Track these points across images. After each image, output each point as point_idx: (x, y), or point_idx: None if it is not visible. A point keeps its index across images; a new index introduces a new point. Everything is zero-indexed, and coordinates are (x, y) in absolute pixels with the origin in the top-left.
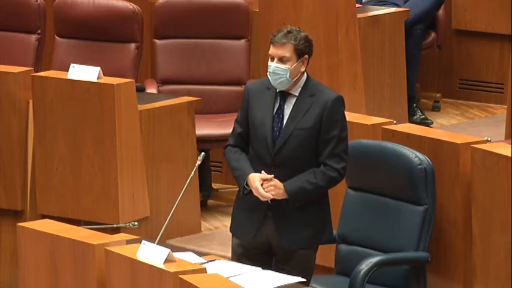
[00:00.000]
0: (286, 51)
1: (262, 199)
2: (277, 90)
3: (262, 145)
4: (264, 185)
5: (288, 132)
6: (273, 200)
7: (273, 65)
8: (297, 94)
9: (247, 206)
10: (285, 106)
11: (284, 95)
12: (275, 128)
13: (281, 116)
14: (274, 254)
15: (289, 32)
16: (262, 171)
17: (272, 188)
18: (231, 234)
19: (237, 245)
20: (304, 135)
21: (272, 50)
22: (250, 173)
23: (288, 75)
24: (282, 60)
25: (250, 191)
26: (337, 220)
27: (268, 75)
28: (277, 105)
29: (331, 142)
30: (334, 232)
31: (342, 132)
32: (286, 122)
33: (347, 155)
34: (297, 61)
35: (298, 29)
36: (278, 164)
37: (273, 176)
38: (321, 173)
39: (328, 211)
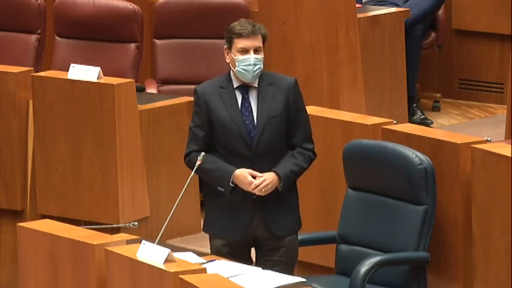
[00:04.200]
0: (259, 42)
1: (258, 193)
2: (235, 86)
3: (238, 141)
4: (260, 187)
5: (262, 123)
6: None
7: (252, 56)
8: (256, 85)
9: (229, 204)
10: (250, 99)
11: (245, 89)
12: (247, 122)
13: (249, 109)
14: (260, 247)
15: (253, 24)
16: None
17: (267, 183)
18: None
19: (222, 245)
20: (277, 123)
21: (245, 43)
22: (233, 170)
23: (262, 65)
24: (256, 51)
25: (233, 188)
26: (337, 220)
27: (243, 69)
28: (240, 100)
29: (300, 125)
30: (334, 232)
31: (306, 114)
32: (257, 114)
33: (312, 134)
34: (263, 51)
35: (248, 19)
36: (258, 156)
37: (263, 176)
38: (301, 155)
39: (298, 197)
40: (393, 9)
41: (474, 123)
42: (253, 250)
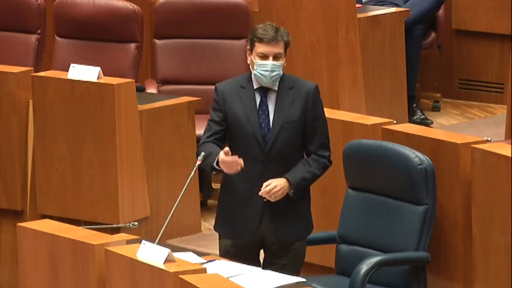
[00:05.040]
0: (280, 48)
1: (264, 196)
2: (255, 87)
3: (252, 143)
4: (271, 192)
5: (277, 127)
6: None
7: (270, 63)
8: (276, 88)
9: (239, 205)
10: (268, 102)
11: (264, 91)
12: (263, 125)
13: (266, 112)
14: (267, 249)
15: (276, 29)
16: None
17: (278, 190)
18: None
19: (230, 245)
20: (293, 128)
21: (265, 48)
22: (219, 152)
23: (281, 71)
24: (276, 57)
25: (220, 171)
26: (337, 220)
27: (260, 73)
28: (258, 102)
29: (318, 131)
30: (334, 232)
31: (324, 121)
32: (273, 117)
33: (329, 142)
34: (285, 56)
35: (274, 24)
36: (271, 159)
37: (274, 182)
38: (315, 162)
39: (310, 202)
40: (393, 9)
41: (474, 123)
42: (262, 252)
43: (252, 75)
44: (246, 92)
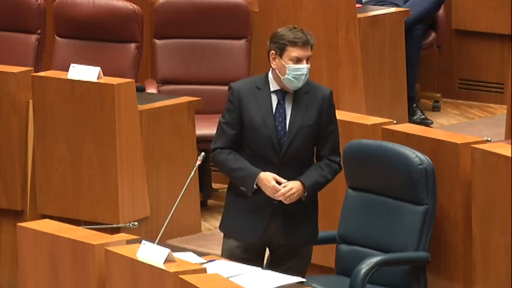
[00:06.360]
0: (310, 51)
1: (279, 198)
2: (272, 89)
3: (267, 145)
4: (286, 195)
5: (293, 131)
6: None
7: (305, 66)
8: (292, 92)
9: (249, 206)
10: (285, 105)
11: (282, 94)
12: (279, 128)
13: (283, 115)
14: (274, 251)
15: (303, 32)
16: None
17: (293, 192)
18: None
19: (236, 247)
20: (308, 132)
21: (300, 52)
22: (258, 172)
23: (308, 74)
24: (308, 60)
25: (257, 189)
26: (337, 220)
27: (294, 77)
28: (275, 104)
29: (330, 136)
30: (334, 232)
31: (336, 126)
32: (290, 121)
33: (339, 147)
34: None
35: (297, 26)
36: (285, 163)
37: (286, 181)
38: (327, 166)
39: (318, 207)
40: (393, 9)
41: (474, 123)
42: (267, 253)
43: (269, 76)
44: (262, 94)
